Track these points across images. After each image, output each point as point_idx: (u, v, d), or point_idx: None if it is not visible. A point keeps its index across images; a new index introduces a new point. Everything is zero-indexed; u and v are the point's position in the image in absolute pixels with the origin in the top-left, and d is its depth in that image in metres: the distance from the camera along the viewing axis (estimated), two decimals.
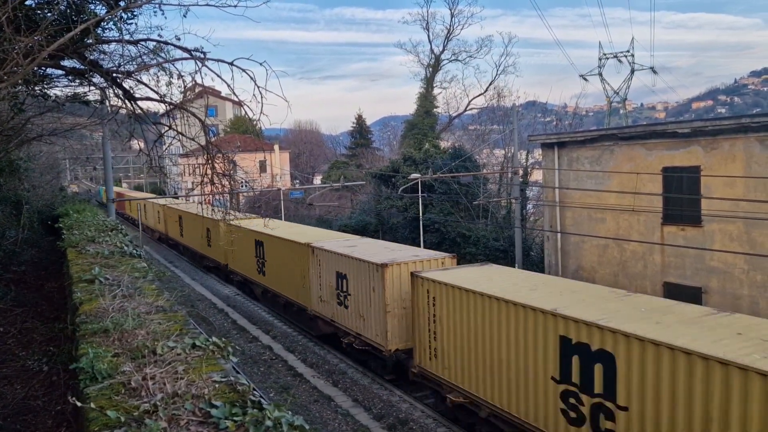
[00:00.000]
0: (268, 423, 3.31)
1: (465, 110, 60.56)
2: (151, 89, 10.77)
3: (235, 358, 4.98)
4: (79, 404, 3.71)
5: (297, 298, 23.54)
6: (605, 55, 61.05)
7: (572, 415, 11.08)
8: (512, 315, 12.31)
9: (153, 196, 53.45)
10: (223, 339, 5.08)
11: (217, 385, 3.99)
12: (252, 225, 27.21)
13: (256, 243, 27.14)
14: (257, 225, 26.15)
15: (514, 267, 28.95)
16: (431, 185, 36.30)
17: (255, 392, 3.98)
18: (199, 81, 10.36)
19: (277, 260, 25.19)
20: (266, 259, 26.37)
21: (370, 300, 18.01)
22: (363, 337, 18.63)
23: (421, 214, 35.53)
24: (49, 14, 9.65)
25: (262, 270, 26.94)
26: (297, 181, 64.71)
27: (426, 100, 56.25)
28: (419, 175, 35.13)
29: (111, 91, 11.21)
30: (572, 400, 11.05)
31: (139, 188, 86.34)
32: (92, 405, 3.62)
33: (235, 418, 3.43)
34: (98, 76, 11.07)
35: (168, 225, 45.26)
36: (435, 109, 57.01)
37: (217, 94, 62.85)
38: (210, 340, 4.89)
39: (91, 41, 10.10)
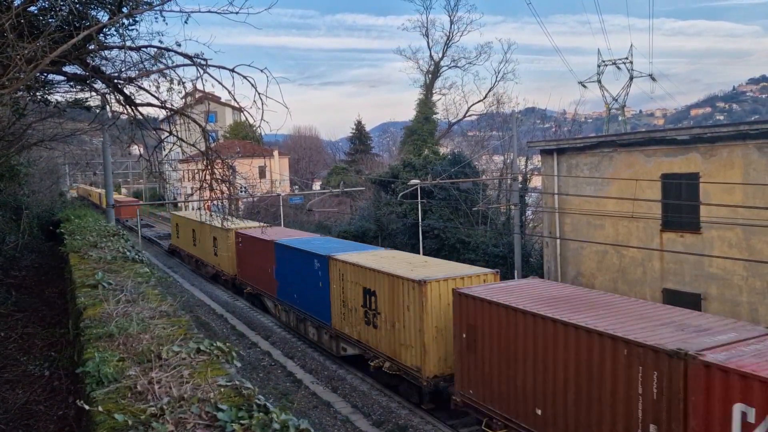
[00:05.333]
0: (276, 426, 3.33)
1: (464, 116, 60.76)
2: (152, 95, 10.83)
3: (239, 363, 5.01)
4: (87, 407, 3.73)
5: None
6: (604, 62, 61.19)
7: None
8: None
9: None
10: (227, 344, 5.11)
11: (222, 389, 4.02)
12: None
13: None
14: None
15: (514, 273, 29.00)
16: (430, 191, 36.34)
17: (259, 397, 4.01)
18: (200, 87, 10.42)
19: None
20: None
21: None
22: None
23: (420, 220, 35.55)
24: (51, 20, 9.70)
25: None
26: (296, 186, 64.74)
27: (425, 106, 56.38)
28: (418, 181, 35.19)
29: (112, 96, 11.24)
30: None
31: (137, 194, 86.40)
32: (100, 408, 3.65)
33: (241, 422, 3.46)
34: (99, 82, 11.12)
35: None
36: (434, 116, 57.13)
37: (216, 99, 62.99)
38: (214, 344, 4.92)
39: (93, 47, 10.16)
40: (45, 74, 11.20)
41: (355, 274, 19.29)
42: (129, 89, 10.86)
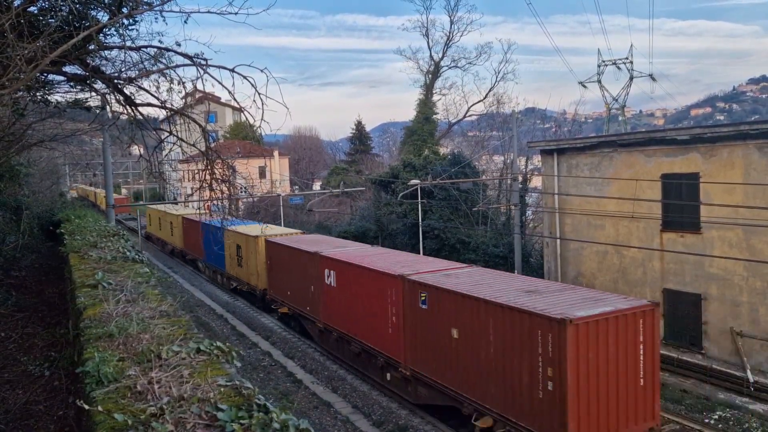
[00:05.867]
0: (276, 426, 3.33)
1: (464, 117, 60.66)
2: (152, 95, 10.81)
3: (239, 363, 5.01)
4: (86, 407, 3.73)
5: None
6: (604, 62, 61.08)
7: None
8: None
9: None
10: (227, 344, 5.11)
11: (222, 389, 4.01)
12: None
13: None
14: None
15: (514, 273, 29.00)
16: (431, 191, 36.33)
17: (259, 397, 4.01)
18: (200, 87, 10.41)
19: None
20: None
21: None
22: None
23: (420, 220, 35.52)
24: (51, 20, 9.69)
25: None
26: (296, 187, 64.76)
27: (425, 106, 56.28)
28: (419, 181, 35.17)
29: (112, 97, 11.23)
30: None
31: (137, 194, 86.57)
32: (99, 408, 3.64)
33: (241, 421, 3.45)
34: (99, 82, 11.11)
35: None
36: (434, 116, 57.00)
37: (216, 99, 63.07)
38: (214, 344, 4.91)
39: (93, 47, 10.16)
40: (45, 74, 11.19)
41: (233, 238, 31.29)
42: (129, 89, 10.85)
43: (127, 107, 11.03)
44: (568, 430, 11.42)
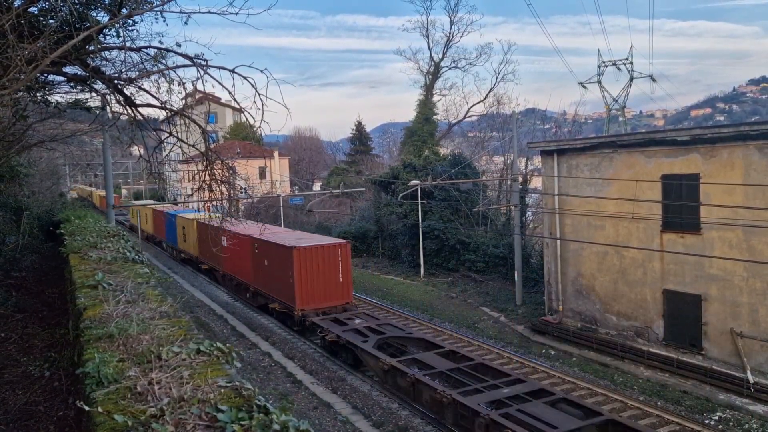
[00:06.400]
0: (276, 427, 3.33)
1: (464, 117, 60.56)
2: (152, 96, 10.80)
3: (239, 364, 5.01)
4: (86, 408, 3.73)
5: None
6: (604, 62, 61.11)
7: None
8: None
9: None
10: (227, 345, 5.11)
11: (222, 390, 4.01)
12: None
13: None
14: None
15: (514, 274, 29.02)
16: (431, 192, 36.33)
17: (259, 398, 4.00)
18: (200, 88, 10.39)
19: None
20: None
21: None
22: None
23: (420, 221, 35.51)
24: (51, 21, 9.69)
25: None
26: (296, 187, 64.78)
27: (425, 107, 56.19)
28: (419, 182, 35.18)
29: (112, 97, 11.21)
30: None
31: (138, 194, 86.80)
32: (99, 409, 3.64)
33: (242, 422, 3.45)
34: (100, 83, 11.10)
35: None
36: (434, 116, 56.89)
37: (217, 100, 63.03)
38: (214, 345, 4.91)
39: (93, 48, 10.14)
40: (45, 75, 11.20)
41: (181, 221, 41.23)
42: (129, 90, 10.84)
43: (127, 108, 11.02)
44: (296, 299, 23.32)
